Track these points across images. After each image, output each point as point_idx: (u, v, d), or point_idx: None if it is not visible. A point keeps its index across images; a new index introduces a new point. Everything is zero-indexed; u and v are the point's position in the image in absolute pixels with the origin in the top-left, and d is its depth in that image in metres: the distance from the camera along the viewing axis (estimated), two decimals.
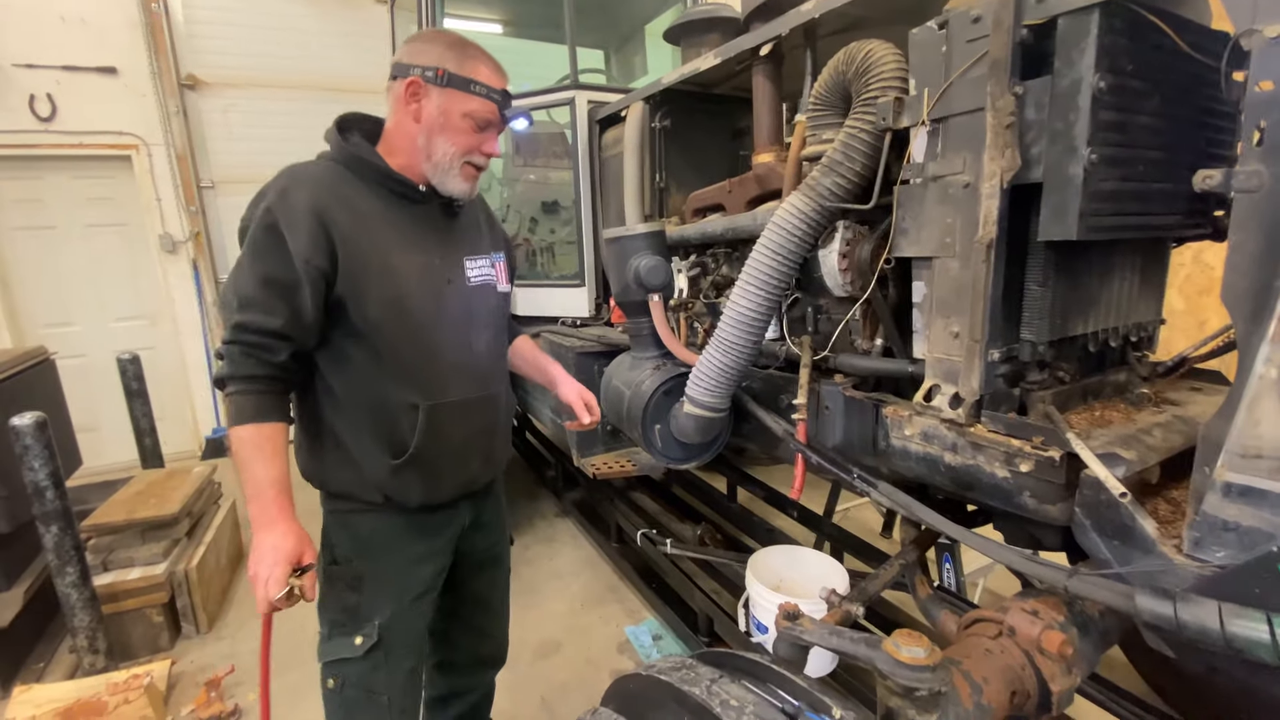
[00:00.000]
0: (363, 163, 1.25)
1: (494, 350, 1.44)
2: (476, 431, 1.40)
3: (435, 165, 1.26)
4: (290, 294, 1.15)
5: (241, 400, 1.16)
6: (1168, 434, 1.12)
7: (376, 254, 1.21)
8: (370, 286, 1.20)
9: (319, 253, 1.15)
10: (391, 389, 1.25)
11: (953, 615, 1.22)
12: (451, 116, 1.24)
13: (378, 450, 1.27)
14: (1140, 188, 1.09)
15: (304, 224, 1.14)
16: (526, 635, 2.61)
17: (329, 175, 1.23)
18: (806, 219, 1.37)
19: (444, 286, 1.30)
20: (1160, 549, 0.90)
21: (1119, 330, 1.30)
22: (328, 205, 1.17)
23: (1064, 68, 1.00)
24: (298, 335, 1.18)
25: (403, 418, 1.27)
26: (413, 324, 1.25)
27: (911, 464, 1.29)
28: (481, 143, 1.29)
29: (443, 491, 1.37)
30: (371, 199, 1.24)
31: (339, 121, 1.31)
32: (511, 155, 3.92)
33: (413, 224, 1.29)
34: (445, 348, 1.30)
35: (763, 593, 1.82)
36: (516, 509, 3.79)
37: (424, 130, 1.24)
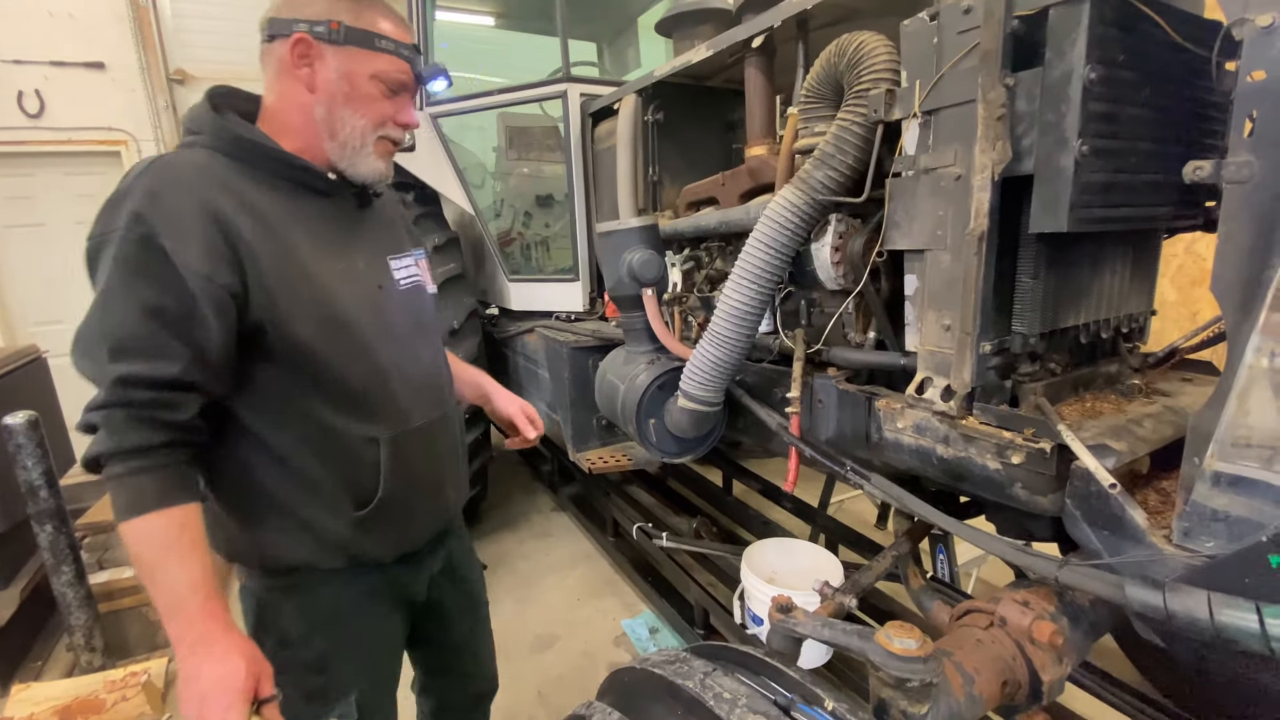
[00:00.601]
0: (253, 148, 1.00)
1: (441, 361, 1.27)
2: (444, 456, 1.22)
3: (342, 145, 1.04)
4: (186, 327, 0.87)
5: (134, 482, 0.86)
6: (1158, 425, 1.13)
7: (293, 261, 0.97)
8: (295, 302, 0.96)
9: (222, 266, 0.89)
10: (343, 424, 1.02)
11: (945, 606, 1.23)
12: (356, 81, 1.01)
13: (336, 503, 1.04)
14: (1131, 179, 1.09)
15: (194, 231, 0.88)
16: (523, 629, 2.62)
17: (212, 166, 0.96)
18: (799, 212, 1.36)
19: (376, 293, 1.09)
20: (1150, 539, 0.90)
21: (1110, 322, 1.30)
22: (221, 204, 0.92)
23: (1055, 59, 1.00)
24: (205, 381, 0.91)
25: (362, 457, 1.05)
26: (356, 341, 1.03)
27: (904, 456, 1.29)
28: (396, 111, 1.07)
29: (419, 534, 1.19)
30: (269, 193, 0.99)
31: (211, 97, 1.04)
32: (505, 149, 3.91)
33: (323, 221, 1.06)
34: (395, 365, 1.09)
35: (757, 585, 1.83)
36: (512, 504, 3.79)
37: (322, 101, 1.01)
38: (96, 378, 0.87)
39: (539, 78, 2.97)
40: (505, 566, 3.11)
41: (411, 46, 1.07)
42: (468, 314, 2.91)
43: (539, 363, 2.81)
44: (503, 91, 2.96)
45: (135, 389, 0.86)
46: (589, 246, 2.81)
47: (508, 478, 4.19)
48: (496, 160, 3.99)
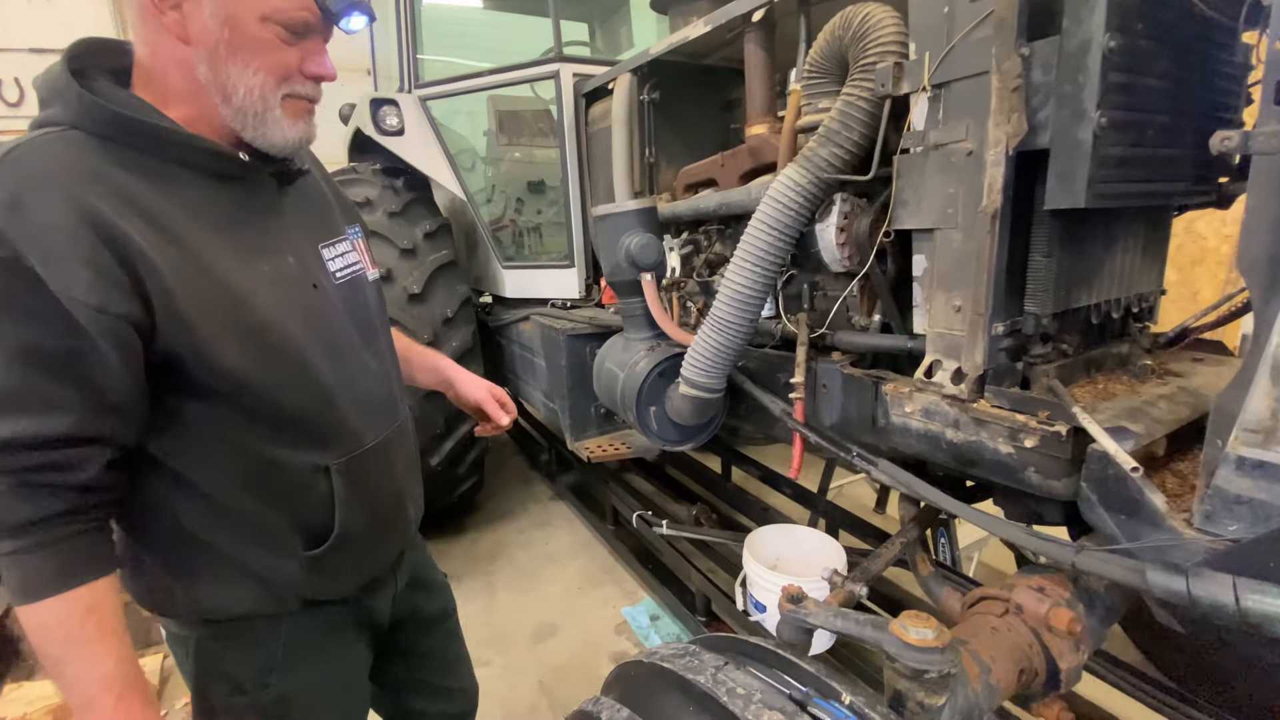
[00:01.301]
0: (135, 127, 0.77)
1: (390, 361, 1.09)
2: (404, 472, 1.08)
3: (239, 111, 0.81)
4: (76, 369, 0.71)
5: (29, 561, 0.72)
6: (1173, 406, 1.11)
7: (206, 272, 0.78)
8: (216, 325, 0.78)
9: (116, 291, 0.71)
10: (284, 455, 0.87)
11: (955, 592, 1.21)
12: (242, 25, 0.78)
13: (283, 545, 0.91)
14: (1149, 153, 1.06)
15: (74, 249, 0.69)
16: (523, 619, 2.60)
17: (83, 157, 0.74)
18: (803, 191, 1.33)
19: (311, 296, 0.91)
20: (1170, 523, 0.88)
21: (1121, 301, 1.27)
22: (101, 207, 0.71)
23: (1073, 27, 0.96)
24: (109, 431, 0.75)
25: (310, 489, 0.91)
26: (293, 359, 0.86)
27: (912, 441, 1.26)
28: (304, 59, 0.84)
29: (379, 562, 1.06)
30: (161, 185, 0.78)
31: (70, 60, 0.79)
32: (495, 134, 3.83)
33: (238, 213, 0.86)
34: (342, 380, 0.93)
35: (760, 572, 1.81)
36: (510, 494, 3.77)
37: (201, 55, 0.78)
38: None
39: (527, 58, 2.90)
40: (504, 557, 3.09)
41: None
42: (461, 302, 2.86)
43: (535, 351, 2.77)
44: (493, 73, 2.88)
45: (18, 453, 0.70)
46: (584, 231, 2.75)
47: (505, 467, 4.16)
48: (488, 145, 3.91)
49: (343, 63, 3.72)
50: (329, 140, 2.89)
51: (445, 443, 2.83)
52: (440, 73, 3.16)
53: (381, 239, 2.73)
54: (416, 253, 2.78)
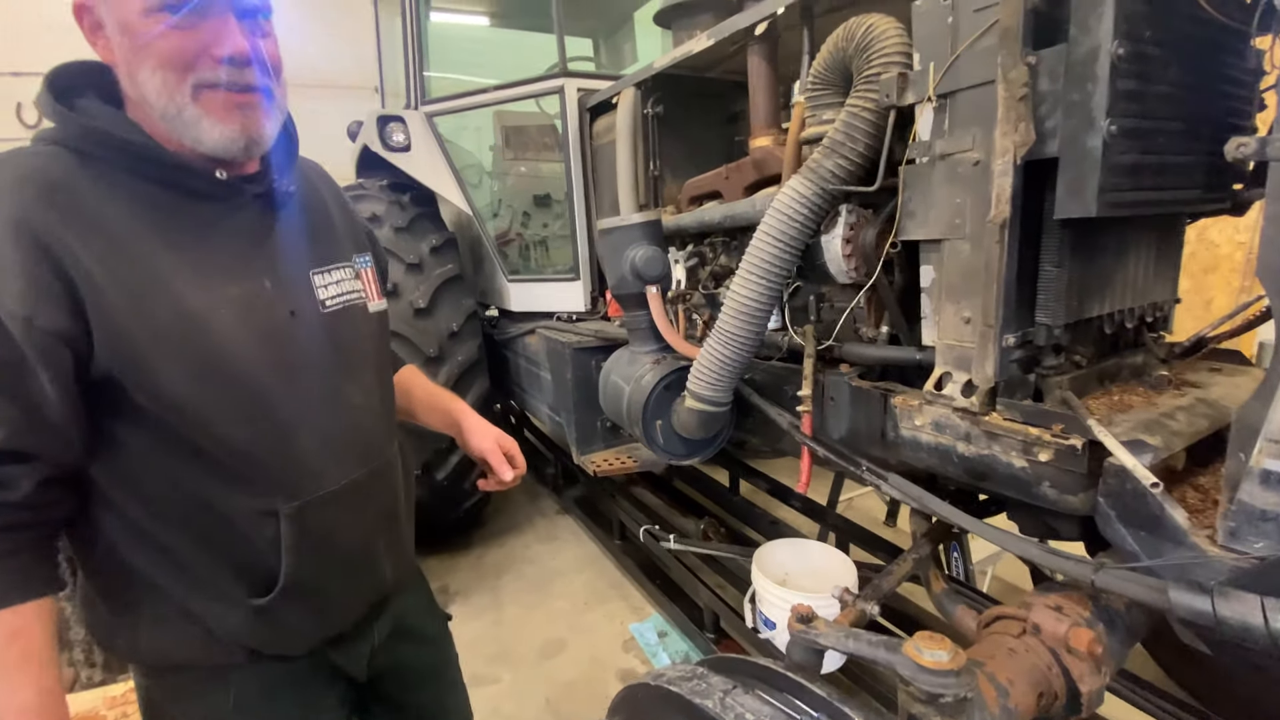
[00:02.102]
0: (106, 141, 0.77)
1: (378, 398, 1.02)
2: (375, 521, 0.99)
3: (165, 115, 0.77)
4: (7, 381, 0.70)
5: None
6: (1192, 418, 1.08)
7: (159, 294, 0.76)
8: (159, 348, 0.75)
9: (45, 305, 0.69)
10: (226, 494, 0.82)
11: (970, 611, 1.18)
12: (133, 27, 0.74)
13: (225, 590, 0.84)
14: (1160, 160, 1.04)
15: (10, 259, 0.68)
16: (530, 635, 2.57)
17: (47, 170, 0.74)
18: (808, 203, 1.31)
19: (285, 323, 0.86)
20: (1192, 540, 0.85)
21: (1135, 311, 1.25)
22: (48, 221, 0.71)
23: (1080, 35, 0.94)
24: (42, 447, 0.72)
25: (256, 534, 0.84)
26: (241, 391, 0.81)
27: (922, 455, 1.24)
28: (206, 43, 0.76)
29: (343, 617, 0.96)
30: (133, 202, 0.77)
31: (52, 79, 0.80)
32: (501, 148, 3.86)
33: (214, 233, 0.83)
34: (304, 416, 0.87)
35: (769, 588, 1.78)
36: (516, 508, 3.75)
37: (121, 70, 0.78)
38: None
39: (531, 73, 2.92)
40: (511, 572, 3.06)
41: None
42: (467, 316, 2.86)
43: (541, 364, 2.76)
44: (499, 88, 2.91)
45: None
46: (589, 245, 2.75)
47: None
48: (494, 160, 3.94)
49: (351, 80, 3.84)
50: (339, 157, 2.92)
51: (451, 457, 2.82)
52: (447, 89, 3.19)
53: (388, 254, 2.74)
54: (423, 267, 2.79)
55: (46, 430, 0.72)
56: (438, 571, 3.03)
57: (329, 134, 3.93)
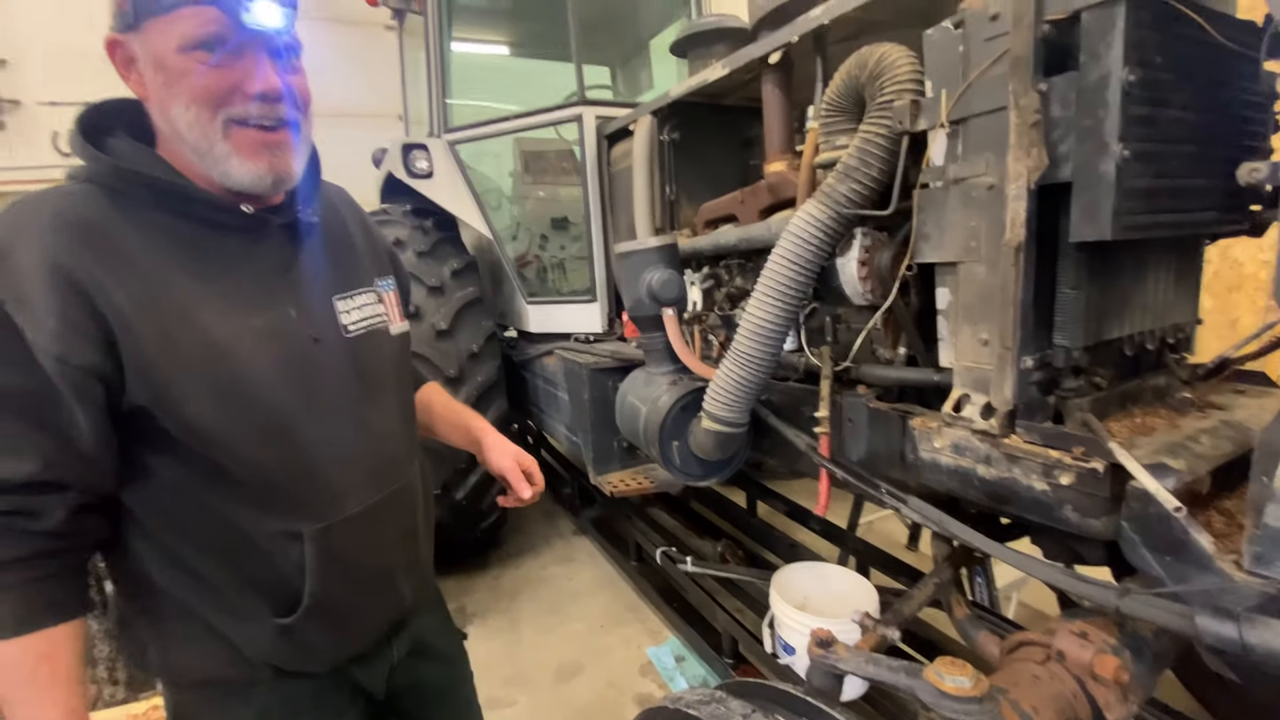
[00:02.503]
0: (135, 179, 0.79)
1: (399, 420, 1.04)
2: (395, 543, 1.01)
3: (197, 150, 0.80)
4: (44, 414, 0.73)
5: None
6: (1216, 440, 1.07)
7: (186, 325, 0.78)
8: (187, 378, 0.78)
9: (81, 342, 0.72)
10: (252, 517, 0.84)
11: (993, 636, 1.16)
12: (167, 64, 0.77)
13: (250, 609, 0.87)
14: (1175, 183, 1.04)
15: (43, 300, 0.71)
16: (547, 657, 2.56)
17: (80, 209, 0.77)
18: (823, 227, 1.33)
19: (309, 350, 0.89)
20: (1218, 565, 0.84)
21: (1155, 332, 1.24)
22: (82, 260, 0.73)
23: (1090, 62, 0.96)
24: (76, 478, 0.75)
25: (280, 555, 0.86)
26: (271, 418, 0.84)
27: (942, 477, 1.23)
28: (238, 80, 0.79)
29: (364, 636, 0.98)
30: (161, 237, 0.80)
31: (83, 120, 0.83)
32: (520, 173, 3.94)
33: (240, 265, 0.86)
34: (327, 440, 0.89)
35: (788, 612, 1.76)
36: (533, 528, 3.75)
37: (154, 106, 0.81)
38: None
39: (550, 101, 3.00)
40: (527, 593, 3.06)
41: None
42: (486, 337, 2.91)
43: (558, 385, 2.79)
44: (519, 116, 2.98)
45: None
46: (606, 267, 2.80)
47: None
48: (513, 184, 4.02)
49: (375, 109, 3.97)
50: (364, 183, 3.01)
51: (470, 477, 2.84)
52: (469, 116, 3.28)
53: (411, 278, 2.80)
54: (444, 290, 2.85)
55: (79, 461, 0.75)
56: (455, 591, 3.03)
57: (354, 160, 4.05)
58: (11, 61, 5.40)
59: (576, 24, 2.87)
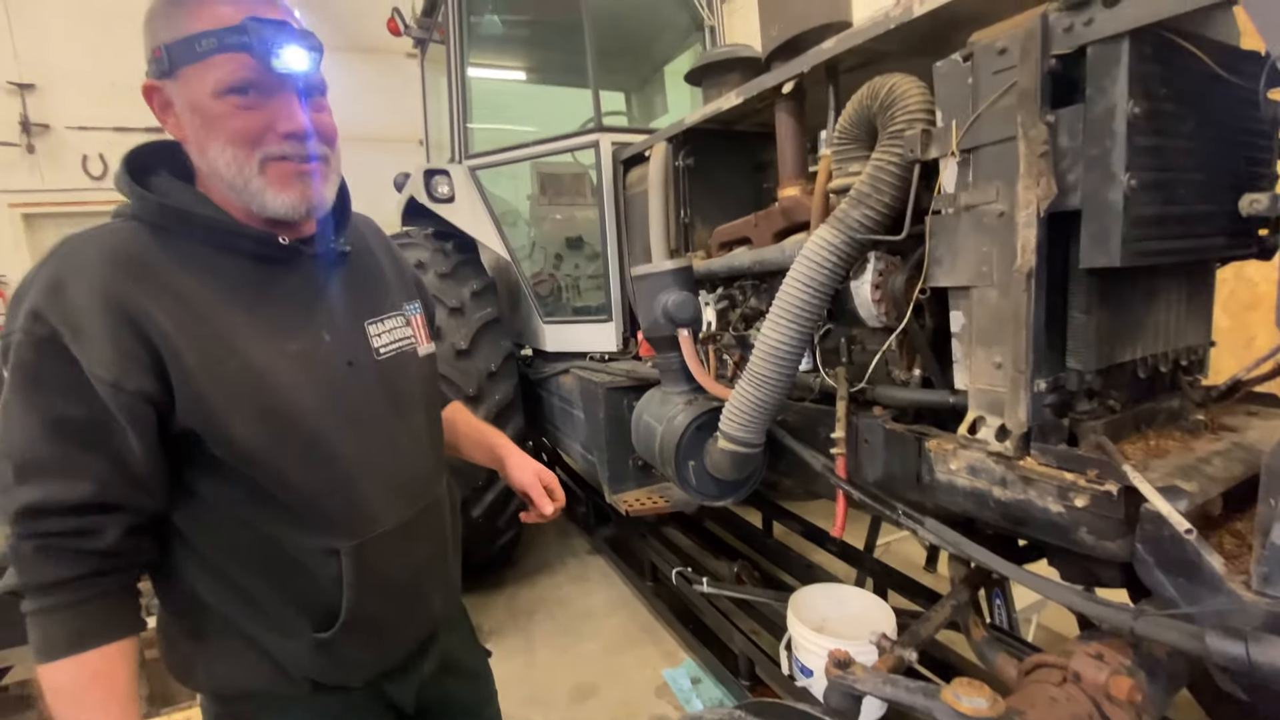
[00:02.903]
0: (179, 216, 0.85)
1: (428, 439, 1.08)
2: (426, 558, 1.05)
3: (233, 186, 0.85)
4: (100, 439, 0.76)
5: (48, 622, 0.76)
6: (1228, 463, 1.07)
7: (230, 353, 0.83)
8: (231, 403, 0.82)
9: (134, 369, 0.76)
10: (293, 535, 0.88)
11: (1010, 658, 1.17)
12: (203, 107, 0.82)
13: (291, 624, 0.90)
14: (1182, 210, 1.07)
15: (98, 330, 0.75)
16: (562, 678, 2.57)
17: (128, 245, 0.81)
18: (837, 251, 1.37)
19: (343, 373, 0.93)
20: (1228, 586, 0.85)
21: (1168, 355, 1.26)
22: (131, 293, 0.78)
23: (1096, 95, 0.99)
24: (130, 499, 0.79)
25: (319, 571, 0.90)
26: (309, 440, 0.88)
27: (958, 499, 1.25)
28: (271, 120, 0.84)
29: (397, 651, 1.02)
30: (204, 270, 0.85)
31: (129, 161, 0.88)
32: (538, 196, 4.03)
33: (278, 293, 0.90)
34: (362, 460, 0.93)
35: (806, 634, 1.77)
36: (547, 546, 3.76)
37: (193, 147, 0.85)
38: (3, 502, 0.76)
39: (567, 124, 3.08)
40: (542, 612, 3.07)
41: (250, 23, 0.79)
42: (504, 357, 2.96)
43: (574, 403, 2.83)
44: (538, 143, 3.07)
45: (45, 518, 0.75)
46: (621, 288, 2.84)
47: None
48: (530, 206, 4.11)
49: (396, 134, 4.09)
50: (386, 206, 3.10)
51: (487, 494, 2.88)
52: (488, 139, 3.37)
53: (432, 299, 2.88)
54: (464, 311, 2.91)
55: (132, 483, 0.79)
56: (470, 610, 3.04)
57: (377, 184, 4.17)
58: (42, 87, 5.63)
59: (593, 52, 2.95)
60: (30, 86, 5.60)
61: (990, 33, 1.12)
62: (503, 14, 3.74)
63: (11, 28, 5.54)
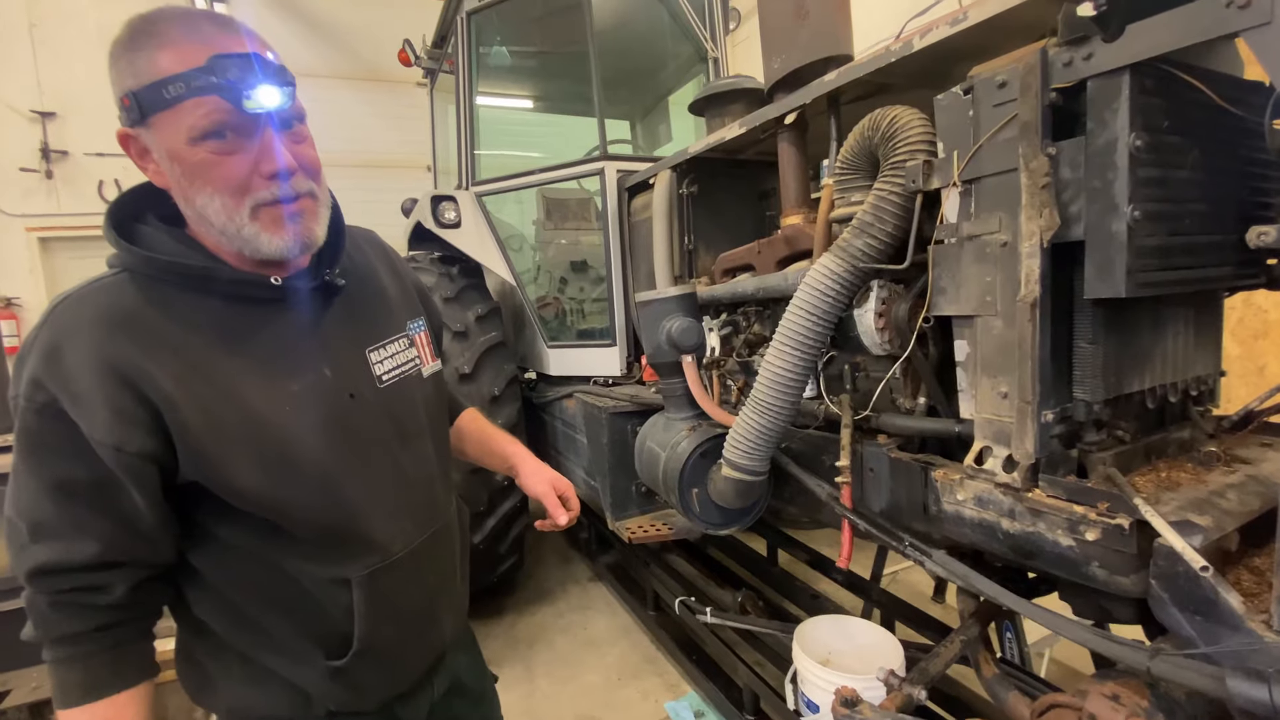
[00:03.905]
0: (169, 268, 0.82)
1: (436, 462, 1.07)
2: (436, 581, 1.05)
3: (225, 232, 0.82)
4: (104, 499, 0.77)
5: (64, 671, 0.79)
6: (1243, 496, 1.05)
7: (229, 401, 0.81)
8: (233, 454, 0.81)
9: (133, 431, 0.76)
10: (305, 569, 0.88)
11: (1023, 697, 1.13)
12: (182, 155, 0.79)
13: (306, 654, 0.91)
14: (1188, 241, 1.06)
15: (95, 394, 0.75)
16: (563, 710, 2.51)
17: (120, 302, 0.79)
18: (840, 279, 1.37)
19: (346, 406, 0.92)
20: (1248, 625, 0.83)
21: (1178, 385, 1.24)
22: (127, 353, 0.77)
23: (1097, 128, 1.00)
24: (136, 555, 0.81)
25: (331, 602, 0.90)
26: (312, 478, 0.87)
27: (966, 531, 1.23)
28: (254, 163, 0.81)
29: (410, 673, 1.02)
30: (199, 318, 0.83)
31: (113, 212, 0.85)
32: (543, 221, 4.07)
33: (275, 333, 0.88)
34: (370, 491, 0.93)
35: (811, 668, 1.72)
36: (549, 574, 3.72)
37: (177, 194, 0.83)
38: (17, 562, 0.78)
39: (573, 152, 3.12)
40: (543, 641, 3.02)
41: (209, 65, 0.75)
42: (508, 381, 2.96)
43: (577, 428, 2.81)
44: (544, 170, 3.11)
45: (54, 576, 0.78)
46: (626, 312, 2.85)
47: (544, 545, 4.12)
48: (536, 231, 4.15)
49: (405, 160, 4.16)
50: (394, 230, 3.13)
51: (488, 520, 2.85)
52: (494, 165, 3.42)
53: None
54: (468, 335, 2.92)
55: (139, 540, 0.81)
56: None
57: (384, 209, 4.22)
58: (62, 115, 5.76)
59: (599, 82, 3.01)
60: (51, 115, 5.74)
61: (990, 66, 1.13)
62: (511, 45, 3.82)
63: (36, 59, 5.69)
